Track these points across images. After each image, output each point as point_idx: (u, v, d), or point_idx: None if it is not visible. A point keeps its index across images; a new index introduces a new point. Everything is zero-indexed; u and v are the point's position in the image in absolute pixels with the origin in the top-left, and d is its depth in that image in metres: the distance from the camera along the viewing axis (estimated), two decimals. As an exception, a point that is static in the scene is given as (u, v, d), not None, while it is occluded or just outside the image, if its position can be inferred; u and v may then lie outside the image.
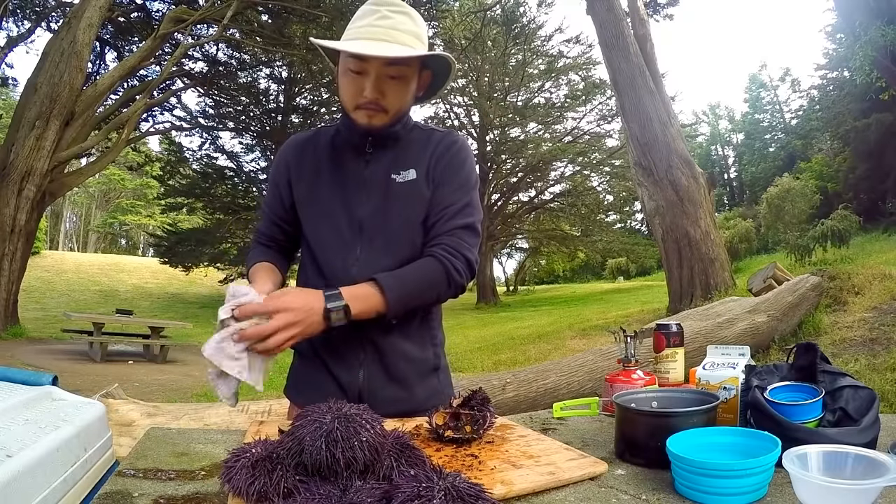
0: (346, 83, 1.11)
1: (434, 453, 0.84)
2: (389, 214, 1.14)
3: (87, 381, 5.95)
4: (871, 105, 20.02)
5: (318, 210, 1.18)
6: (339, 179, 1.17)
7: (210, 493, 0.71)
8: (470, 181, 1.18)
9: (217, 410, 2.63)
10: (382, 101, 1.09)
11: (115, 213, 48.13)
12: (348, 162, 1.18)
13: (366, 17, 1.09)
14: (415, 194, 1.14)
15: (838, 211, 13.94)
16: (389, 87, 1.09)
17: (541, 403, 3.61)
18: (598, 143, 25.32)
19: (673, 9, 15.61)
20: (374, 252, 1.13)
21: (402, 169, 1.15)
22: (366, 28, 1.07)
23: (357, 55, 1.05)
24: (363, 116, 1.11)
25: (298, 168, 1.21)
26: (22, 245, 9.68)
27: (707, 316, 5.35)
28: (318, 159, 1.20)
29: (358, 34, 1.07)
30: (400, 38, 1.07)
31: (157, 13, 14.32)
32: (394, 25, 1.07)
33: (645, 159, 9.78)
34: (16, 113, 10.06)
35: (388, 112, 1.11)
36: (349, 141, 1.18)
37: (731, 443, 0.79)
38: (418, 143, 1.19)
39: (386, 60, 1.05)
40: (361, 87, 1.08)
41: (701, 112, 48.11)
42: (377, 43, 1.05)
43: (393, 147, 1.17)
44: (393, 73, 1.08)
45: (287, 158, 1.23)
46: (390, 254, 1.13)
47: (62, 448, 0.74)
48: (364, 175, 1.16)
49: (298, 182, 1.20)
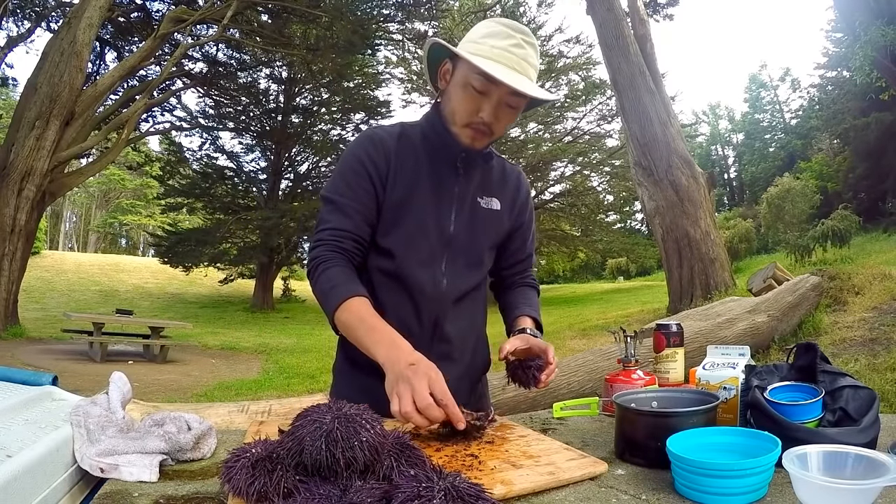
0: (464, 98, 1.07)
1: (434, 453, 0.84)
2: (475, 235, 1.17)
3: (87, 381, 5.95)
4: (871, 105, 20.02)
5: (412, 216, 1.12)
6: (433, 191, 1.13)
7: (210, 493, 0.71)
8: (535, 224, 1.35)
9: (217, 410, 2.62)
10: (494, 125, 1.09)
11: (115, 213, 48.14)
12: (442, 174, 1.15)
13: (499, 39, 1.05)
14: (496, 223, 1.20)
15: (838, 211, 13.96)
16: (504, 113, 1.09)
17: (541, 403, 3.61)
18: (598, 143, 25.31)
19: (673, 9, 15.60)
20: (457, 268, 1.16)
21: (486, 195, 1.19)
22: (501, 52, 1.04)
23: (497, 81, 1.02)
24: (468, 136, 1.10)
25: (399, 165, 1.13)
26: (22, 245, 9.68)
27: (707, 316, 5.35)
28: (417, 162, 1.14)
29: (492, 55, 1.04)
30: (529, 71, 1.07)
31: (157, 13, 14.32)
32: (525, 57, 1.06)
33: (645, 159, 9.78)
34: (16, 113, 10.06)
35: (492, 135, 1.11)
36: (442, 152, 1.15)
37: (731, 443, 0.79)
38: (497, 171, 1.23)
39: (514, 91, 1.03)
40: (478, 107, 1.07)
41: (701, 112, 48.21)
42: (511, 71, 1.04)
43: (479, 169, 1.19)
44: (512, 103, 1.08)
45: (386, 151, 1.13)
46: (470, 272, 1.18)
47: (62, 448, 0.74)
48: (455, 191, 1.15)
49: (396, 182, 1.12)
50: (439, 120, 1.14)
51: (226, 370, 8.21)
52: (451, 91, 1.11)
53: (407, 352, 0.93)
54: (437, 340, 1.15)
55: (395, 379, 0.88)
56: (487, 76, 1.02)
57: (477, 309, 1.24)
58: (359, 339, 1.00)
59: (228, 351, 10.35)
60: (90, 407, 0.82)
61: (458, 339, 1.18)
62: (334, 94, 21.20)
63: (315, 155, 22.27)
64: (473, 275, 1.19)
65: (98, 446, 0.76)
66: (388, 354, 0.93)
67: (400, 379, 0.87)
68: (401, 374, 0.88)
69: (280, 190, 22.06)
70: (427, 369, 0.88)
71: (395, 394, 0.86)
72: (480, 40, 1.07)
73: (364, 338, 0.98)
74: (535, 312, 1.22)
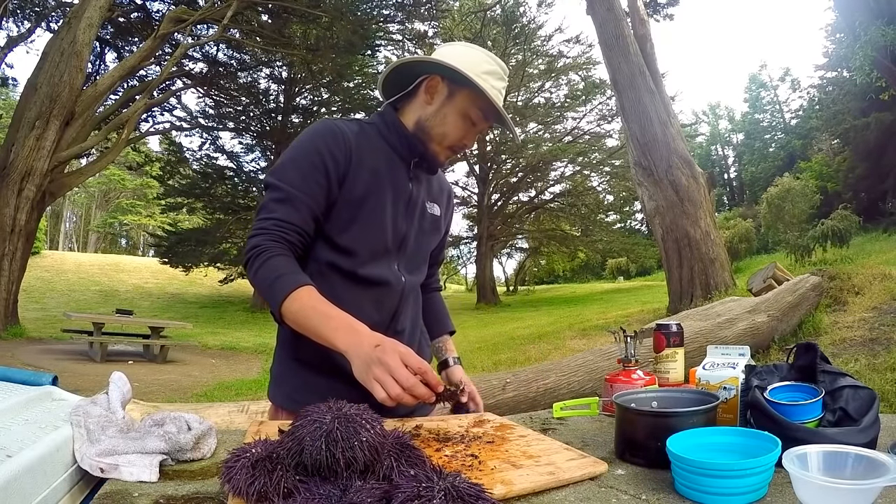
0: (460, 127, 1.16)
1: (434, 453, 0.84)
2: (422, 239, 1.23)
3: (87, 381, 5.95)
4: (871, 105, 20.02)
5: (370, 216, 1.11)
6: (394, 190, 1.15)
7: (210, 493, 0.71)
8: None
9: (217, 410, 2.63)
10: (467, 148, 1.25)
11: (115, 213, 48.12)
12: (399, 176, 1.16)
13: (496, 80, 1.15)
14: (437, 228, 1.28)
15: (838, 211, 13.95)
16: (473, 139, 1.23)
17: (541, 403, 3.61)
18: (598, 143, 25.33)
19: (673, 9, 15.62)
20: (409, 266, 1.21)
21: (430, 200, 1.25)
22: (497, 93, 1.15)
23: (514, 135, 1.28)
24: (445, 156, 1.19)
25: (359, 163, 1.10)
26: (22, 245, 9.68)
27: (707, 316, 5.35)
28: (376, 160, 1.13)
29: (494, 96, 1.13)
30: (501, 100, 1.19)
31: (157, 13, 14.33)
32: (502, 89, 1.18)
33: (645, 159, 9.78)
34: (16, 113, 10.06)
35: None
36: (399, 154, 1.17)
37: (731, 443, 0.79)
38: (436, 178, 1.29)
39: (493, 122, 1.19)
40: (466, 134, 1.17)
41: (701, 112, 48.19)
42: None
43: (425, 175, 1.24)
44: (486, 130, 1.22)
45: (347, 147, 1.09)
46: (416, 272, 1.24)
47: (62, 448, 0.74)
48: (410, 193, 1.18)
49: (356, 179, 1.09)
50: (398, 124, 1.17)
51: (226, 370, 8.21)
52: (446, 114, 1.15)
53: (367, 335, 0.91)
54: (392, 333, 1.14)
55: (366, 364, 0.86)
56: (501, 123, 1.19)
57: (419, 304, 1.30)
58: (313, 329, 0.95)
59: (228, 351, 10.35)
60: (90, 407, 0.82)
61: (408, 331, 1.22)
62: (334, 94, 21.21)
63: (315, 155, 22.23)
64: (418, 275, 1.26)
65: (98, 446, 0.76)
66: (349, 340, 0.90)
67: (371, 363, 0.85)
68: (370, 357, 0.86)
69: (280, 190, 22.03)
70: (394, 346, 0.88)
71: (373, 380, 0.85)
72: (483, 76, 1.12)
73: (319, 326, 0.94)
74: (451, 325, 1.40)
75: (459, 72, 1.10)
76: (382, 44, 19.17)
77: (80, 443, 0.76)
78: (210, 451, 0.86)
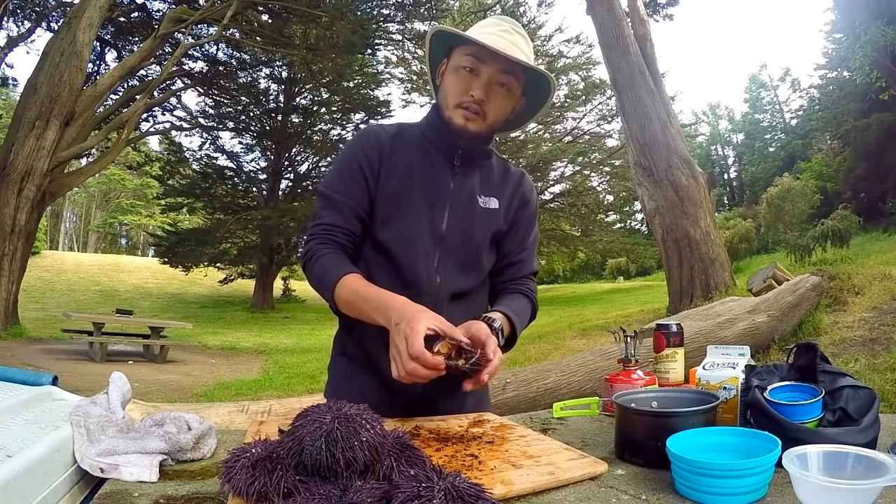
0: (455, 80, 1.11)
1: (434, 453, 0.84)
2: (471, 234, 1.16)
3: (87, 381, 5.95)
4: (871, 105, 20.04)
5: (405, 213, 1.13)
6: (428, 188, 1.14)
7: (210, 493, 0.71)
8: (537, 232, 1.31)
9: (217, 410, 2.63)
10: (486, 104, 1.10)
11: (115, 213, 48.13)
12: (438, 171, 1.15)
13: (491, 27, 1.11)
14: (494, 223, 1.19)
15: (838, 211, 13.95)
16: (495, 93, 1.11)
17: (541, 403, 3.61)
18: (598, 143, 25.32)
19: (673, 9, 15.62)
20: (450, 267, 1.15)
21: (485, 195, 1.18)
22: (490, 36, 1.09)
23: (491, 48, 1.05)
24: (461, 117, 1.11)
25: (392, 161, 1.14)
26: (22, 245, 9.68)
27: (707, 316, 5.35)
28: (411, 159, 1.15)
29: (483, 38, 1.08)
30: (519, 52, 1.10)
31: (157, 13, 14.33)
32: (515, 42, 1.10)
33: (645, 159, 9.78)
34: (16, 113, 10.06)
35: (486, 119, 1.11)
36: (439, 150, 1.16)
37: (731, 443, 0.79)
38: (498, 173, 1.23)
39: (502, 67, 1.09)
40: (469, 87, 1.09)
41: (701, 112, 48.19)
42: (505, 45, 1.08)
43: (479, 168, 1.19)
44: (503, 81, 1.10)
45: (380, 147, 1.15)
46: (466, 273, 1.17)
47: (62, 448, 0.74)
48: (450, 189, 1.15)
49: (389, 177, 1.13)
50: (437, 118, 1.15)
51: (226, 370, 8.21)
52: (446, 79, 1.14)
53: (396, 312, 0.93)
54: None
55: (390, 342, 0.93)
56: (477, 44, 1.06)
57: (474, 312, 1.17)
58: (361, 313, 1.02)
59: (228, 351, 10.35)
60: (90, 407, 0.82)
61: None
62: (334, 94, 21.21)
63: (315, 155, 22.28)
64: (469, 276, 1.18)
65: (98, 446, 0.76)
66: (384, 318, 0.96)
67: (390, 343, 0.92)
68: (391, 336, 0.92)
69: (280, 190, 22.08)
70: (405, 327, 0.89)
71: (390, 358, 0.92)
72: (472, 30, 1.12)
73: (364, 310, 1.01)
74: (511, 312, 1.13)
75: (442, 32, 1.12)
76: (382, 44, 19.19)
77: (80, 443, 0.76)
78: (210, 451, 0.86)
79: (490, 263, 1.22)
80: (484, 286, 1.24)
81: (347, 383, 1.16)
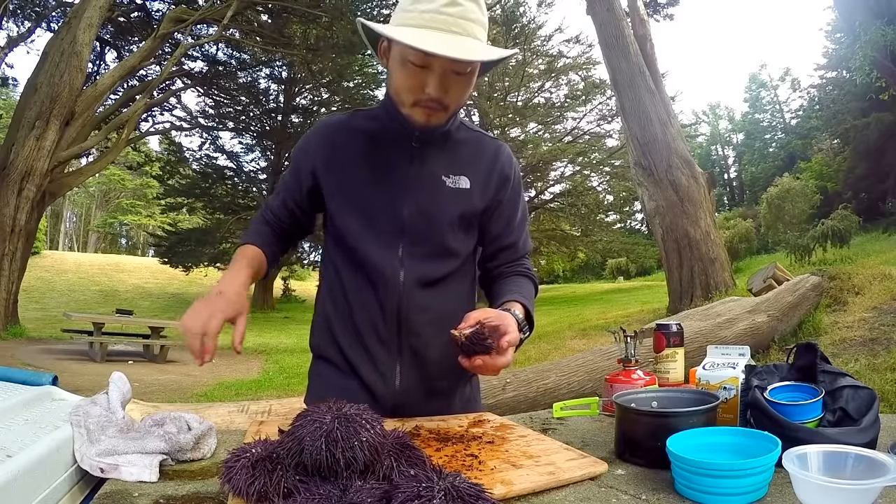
0: (405, 76, 0.98)
1: (434, 453, 0.84)
2: (435, 217, 1.07)
3: (87, 381, 5.95)
4: (871, 105, 20.00)
5: (354, 206, 1.08)
6: (381, 176, 1.07)
7: (210, 493, 0.71)
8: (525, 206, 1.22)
9: (217, 410, 2.63)
10: (445, 98, 0.99)
11: (115, 213, 48.12)
12: (392, 157, 1.07)
13: (429, 2, 0.94)
14: (465, 203, 1.08)
15: (838, 211, 13.95)
16: (453, 83, 0.99)
17: (541, 403, 3.61)
18: (598, 143, 25.30)
19: (673, 9, 15.63)
20: (418, 255, 1.07)
21: (453, 173, 1.08)
22: (432, 15, 0.93)
23: (430, 53, 0.89)
24: (421, 115, 1.01)
25: (328, 160, 1.09)
26: (22, 245, 9.68)
27: (707, 316, 5.35)
28: (355, 152, 1.09)
29: (423, 21, 0.93)
30: (471, 29, 0.95)
31: (157, 13, 14.34)
32: (463, 14, 0.94)
33: (645, 159, 9.78)
34: (16, 113, 10.07)
35: (448, 110, 1.02)
36: (393, 133, 1.07)
37: (731, 443, 0.79)
38: (468, 146, 1.12)
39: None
40: (423, 83, 0.97)
41: (701, 112, 48.10)
42: (448, 36, 0.93)
43: (443, 146, 1.09)
44: (459, 70, 0.96)
45: (315, 146, 1.12)
46: (434, 260, 1.08)
47: (62, 448, 0.74)
48: (410, 173, 1.06)
49: (328, 174, 1.09)
50: (390, 101, 1.06)
51: (226, 370, 8.21)
52: (392, 69, 1.02)
53: (225, 282, 1.01)
54: (405, 334, 1.07)
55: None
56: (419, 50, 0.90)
57: (451, 300, 1.10)
58: None
59: (228, 351, 10.30)
60: (90, 407, 0.82)
61: (428, 332, 1.08)
62: (334, 95, 21.21)
63: (315, 155, 22.26)
64: (440, 263, 1.09)
65: (98, 446, 0.76)
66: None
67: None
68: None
69: (280, 190, 22.06)
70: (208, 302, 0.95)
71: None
72: (410, 7, 0.96)
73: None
74: (527, 301, 1.05)
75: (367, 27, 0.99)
76: (382, 44, 19.12)
77: (80, 443, 0.76)
78: (210, 451, 0.86)
79: (466, 247, 1.12)
80: (463, 271, 1.14)
81: (327, 387, 1.11)
